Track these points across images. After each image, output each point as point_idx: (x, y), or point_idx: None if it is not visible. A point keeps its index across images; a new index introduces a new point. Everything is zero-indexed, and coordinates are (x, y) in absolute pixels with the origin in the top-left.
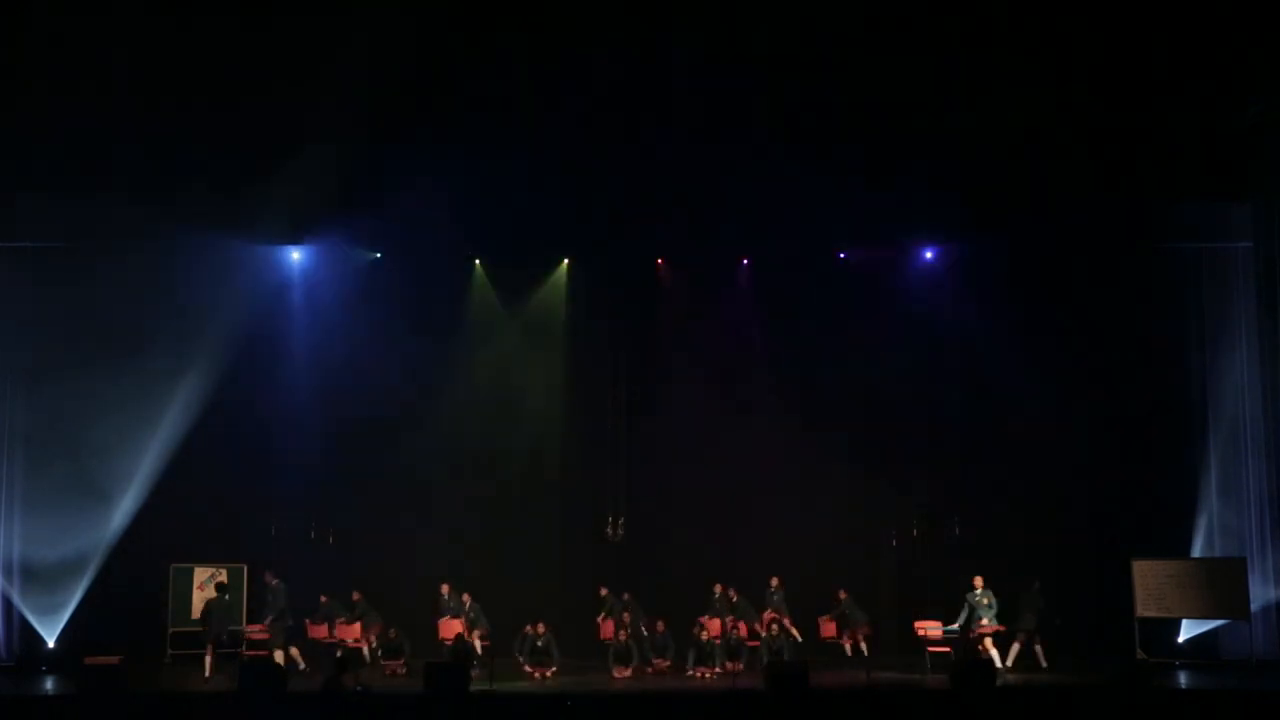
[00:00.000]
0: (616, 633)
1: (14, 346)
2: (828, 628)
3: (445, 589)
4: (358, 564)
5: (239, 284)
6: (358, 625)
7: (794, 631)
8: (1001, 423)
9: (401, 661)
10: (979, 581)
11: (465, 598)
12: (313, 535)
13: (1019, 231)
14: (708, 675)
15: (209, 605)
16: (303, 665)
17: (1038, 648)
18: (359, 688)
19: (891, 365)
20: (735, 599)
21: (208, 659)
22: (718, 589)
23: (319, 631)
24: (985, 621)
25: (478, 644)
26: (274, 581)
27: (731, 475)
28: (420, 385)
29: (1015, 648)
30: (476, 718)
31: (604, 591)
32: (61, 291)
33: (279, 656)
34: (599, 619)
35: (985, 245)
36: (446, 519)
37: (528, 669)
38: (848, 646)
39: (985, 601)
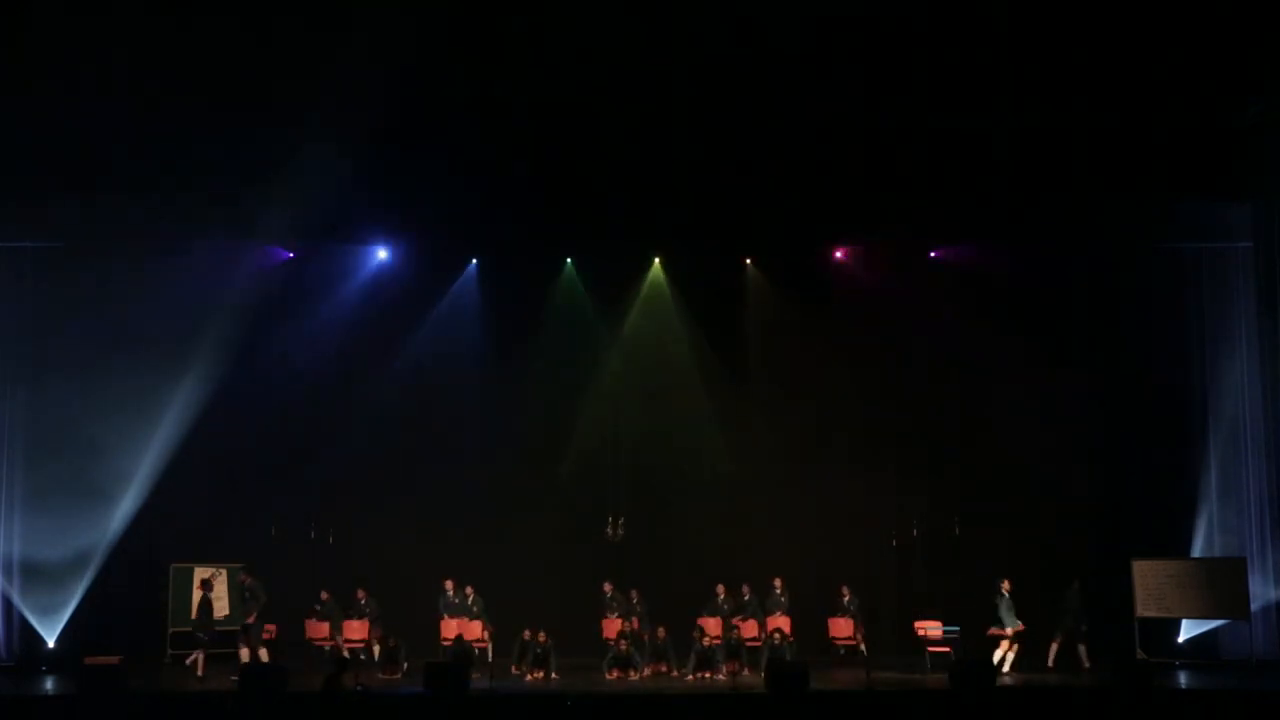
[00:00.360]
0: (618, 638)
1: (14, 346)
2: (841, 626)
3: (449, 585)
4: (358, 563)
5: (239, 283)
6: (365, 624)
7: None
8: (1001, 422)
9: (399, 672)
10: (1007, 585)
11: (469, 591)
12: (312, 535)
13: (1019, 231)
14: (707, 677)
15: (198, 604)
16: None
17: (1081, 647)
18: (359, 687)
19: (890, 365)
20: (748, 595)
21: (199, 658)
22: (720, 591)
23: (319, 630)
24: (1012, 627)
25: (487, 636)
26: (248, 580)
27: (732, 475)
28: (420, 384)
29: (1054, 648)
30: (476, 717)
31: (609, 588)
32: (61, 291)
33: (262, 655)
34: (604, 618)
35: (985, 245)
36: (446, 518)
37: (527, 679)
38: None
39: (1011, 603)
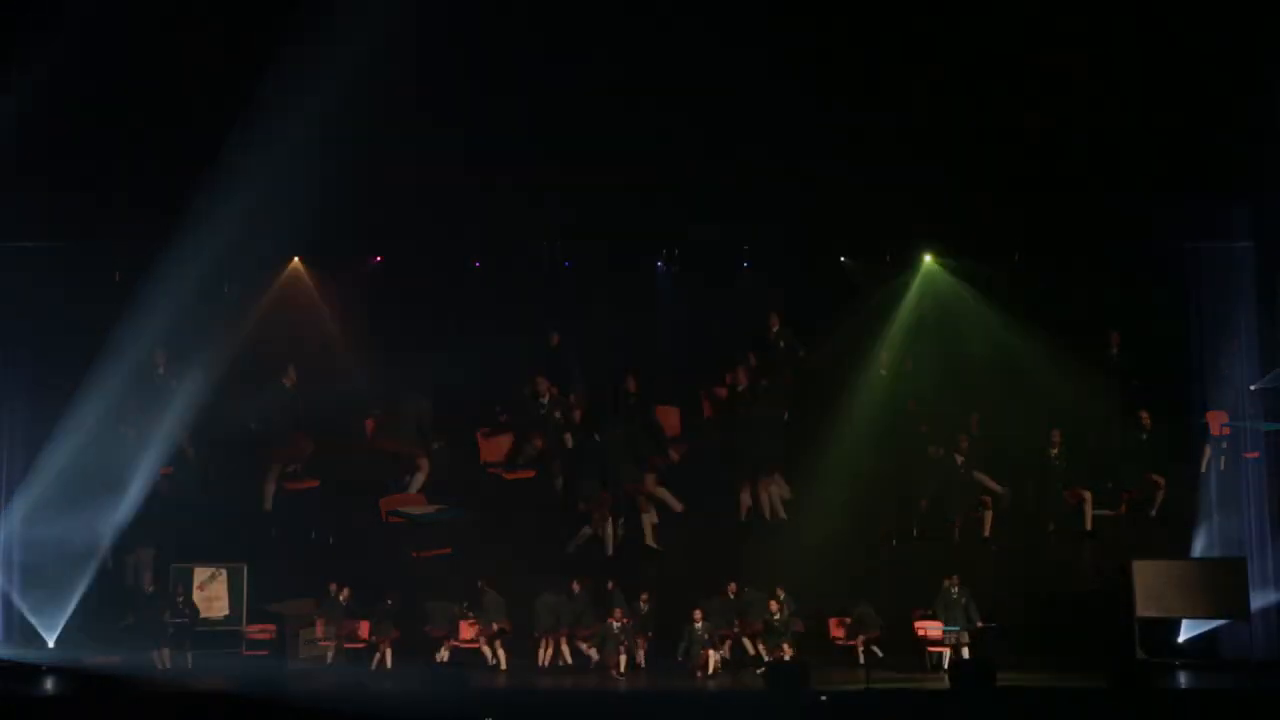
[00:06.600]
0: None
1: (15, 345)
2: (837, 629)
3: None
4: (357, 565)
5: (239, 285)
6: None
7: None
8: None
9: None
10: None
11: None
12: (313, 536)
13: (1021, 230)
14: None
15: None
16: None
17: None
18: None
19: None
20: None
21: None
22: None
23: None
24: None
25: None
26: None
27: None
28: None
29: None
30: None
31: (611, 586)
32: (62, 292)
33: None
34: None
35: (987, 246)
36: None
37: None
38: (860, 652)
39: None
